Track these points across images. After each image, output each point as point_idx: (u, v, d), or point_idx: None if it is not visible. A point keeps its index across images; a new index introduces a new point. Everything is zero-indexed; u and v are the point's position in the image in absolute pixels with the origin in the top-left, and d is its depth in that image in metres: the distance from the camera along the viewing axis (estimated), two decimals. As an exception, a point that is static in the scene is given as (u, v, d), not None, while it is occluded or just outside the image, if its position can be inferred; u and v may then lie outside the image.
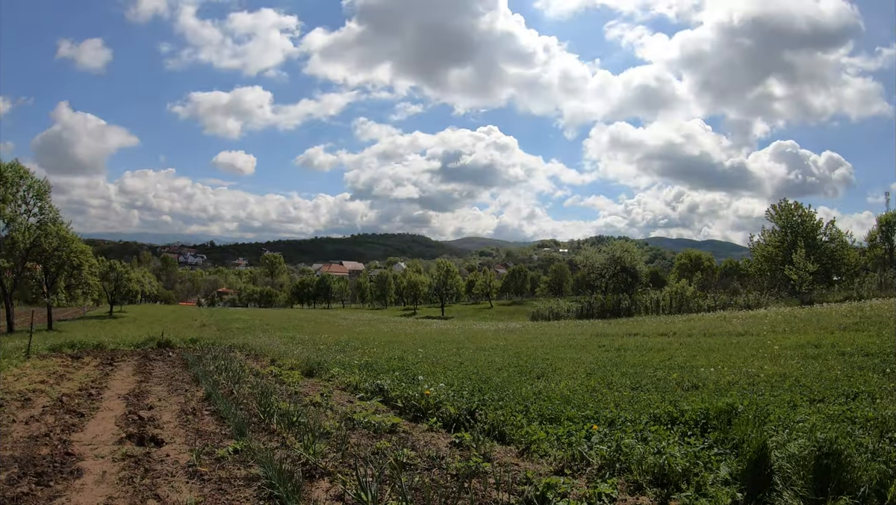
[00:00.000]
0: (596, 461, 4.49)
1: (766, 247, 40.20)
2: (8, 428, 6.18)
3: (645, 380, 7.87)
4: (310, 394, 8.46)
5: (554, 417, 5.80)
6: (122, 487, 4.31)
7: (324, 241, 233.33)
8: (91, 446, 5.50)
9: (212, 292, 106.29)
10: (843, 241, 38.89)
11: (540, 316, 41.78)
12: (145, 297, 63.72)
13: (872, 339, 10.45)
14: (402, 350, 14.25)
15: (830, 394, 5.99)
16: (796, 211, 39.84)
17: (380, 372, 9.75)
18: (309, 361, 11.79)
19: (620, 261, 48.01)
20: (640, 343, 14.32)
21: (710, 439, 4.65)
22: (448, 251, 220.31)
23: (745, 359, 9.51)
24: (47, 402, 7.73)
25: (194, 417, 6.86)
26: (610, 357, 11.40)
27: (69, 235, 29.75)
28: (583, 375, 8.77)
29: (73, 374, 10.94)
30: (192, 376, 10.53)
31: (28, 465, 4.78)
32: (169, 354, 15.60)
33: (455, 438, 5.65)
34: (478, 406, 6.40)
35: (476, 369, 9.82)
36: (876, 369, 7.30)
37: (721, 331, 15.95)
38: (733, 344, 12.22)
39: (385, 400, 7.80)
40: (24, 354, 13.09)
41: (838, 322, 14.43)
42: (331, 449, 5.14)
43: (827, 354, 9.28)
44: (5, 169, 26.30)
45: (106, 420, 6.74)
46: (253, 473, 4.53)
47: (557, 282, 74.71)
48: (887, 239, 42.99)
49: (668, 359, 10.38)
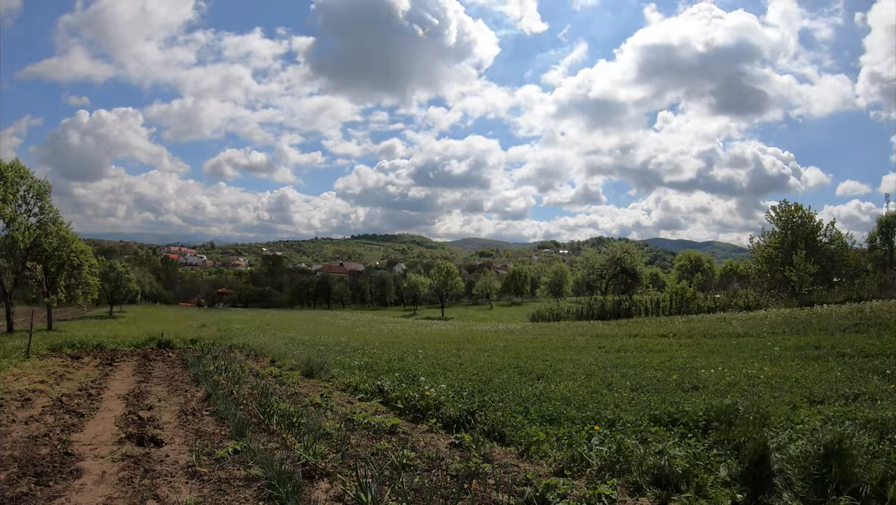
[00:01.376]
0: (596, 462, 4.49)
1: (766, 248, 40.18)
2: (7, 428, 6.18)
3: (645, 381, 7.87)
4: (310, 395, 8.45)
5: (554, 418, 5.80)
6: (121, 487, 4.30)
7: (324, 242, 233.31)
8: (91, 446, 5.50)
9: (212, 293, 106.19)
10: (844, 242, 38.90)
11: (540, 317, 41.68)
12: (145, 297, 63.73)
13: (872, 340, 10.45)
14: (402, 351, 14.24)
15: (830, 395, 5.99)
16: (796, 212, 39.85)
17: (380, 373, 9.75)
18: (309, 361, 11.78)
19: (620, 262, 48.01)
20: (641, 344, 14.32)
21: (711, 440, 4.65)
22: (448, 252, 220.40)
23: (745, 360, 9.51)
24: (47, 402, 7.72)
25: (194, 417, 6.85)
26: (610, 358, 11.40)
27: (69, 235, 29.72)
28: (583, 376, 8.77)
29: (72, 374, 10.93)
30: (191, 377, 10.52)
31: (28, 465, 4.77)
32: (169, 355, 15.59)
33: (455, 438, 5.65)
34: (478, 407, 6.40)
35: (476, 370, 9.82)
36: (876, 371, 7.30)
37: (721, 332, 15.94)
38: (733, 345, 12.23)
39: (385, 401, 7.80)
40: (23, 354, 13.07)
41: (838, 323, 14.42)
42: (331, 450, 5.13)
43: (827, 356, 9.29)
44: (6, 169, 26.29)
45: (106, 420, 6.74)
46: (253, 473, 4.52)
47: (557, 283, 74.54)
48: (887, 240, 42.98)
49: (668, 360, 10.38)
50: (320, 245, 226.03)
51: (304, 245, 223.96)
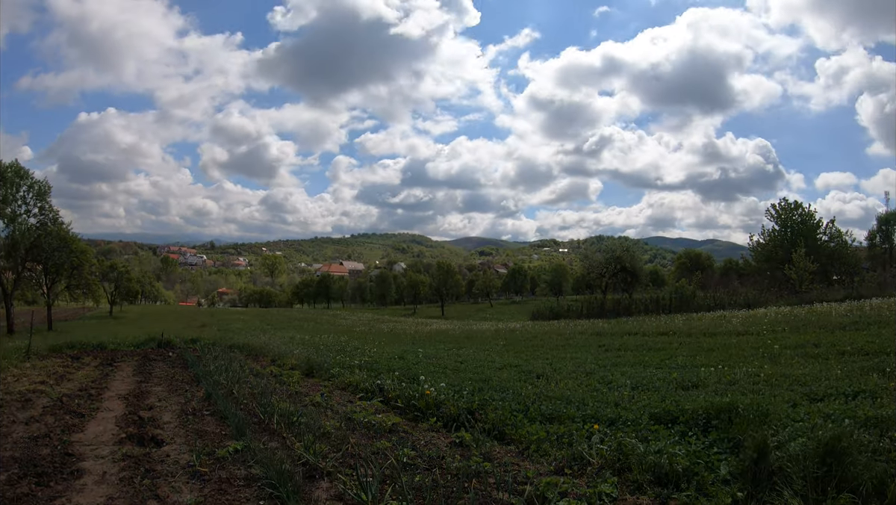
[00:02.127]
0: (596, 461, 4.49)
1: (766, 246, 40.23)
2: (8, 428, 6.18)
3: (645, 379, 7.87)
4: (310, 394, 8.45)
5: (554, 416, 5.80)
6: (122, 487, 4.31)
7: (324, 241, 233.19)
8: (91, 447, 5.50)
9: (212, 292, 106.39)
10: (843, 240, 38.95)
11: (540, 315, 41.74)
12: (145, 297, 63.73)
13: (872, 338, 10.45)
14: (402, 350, 14.24)
15: (830, 393, 5.99)
16: (796, 210, 39.90)
17: (380, 372, 9.75)
18: (309, 361, 11.78)
19: (620, 260, 47.96)
20: (640, 342, 14.33)
21: (711, 439, 4.65)
22: (448, 251, 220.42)
23: (744, 358, 9.52)
24: (47, 402, 7.72)
25: (194, 417, 6.85)
26: (610, 357, 11.41)
27: (69, 236, 29.74)
28: (583, 374, 8.77)
29: (73, 374, 10.93)
30: (192, 376, 10.52)
31: (28, 465, 4.77)
32: (169, 355, 15.59)
33: (455, 437, 5.65)
34: (478, 406, 6.40)
35: (476, 369, 9.82)
36: (876, 369, 7.30)
37: (721, 330, 15.95)
38: (733, 343, 12.23)
39: (385, 400, 7.80)
40: (24, 355, 13.08)
41: (838, 321, 14.43)
42: (331, 449, 5.14)
43: (827, 354, 9.29)
44: (6, 169, 26.31)
45: (106, 420, 6.74)
46: (253, 473, 4.52)
47: (557, 281, 74.50)
48: (887, 238, 43.02)
49: (668, 358, 10.39)
50: (320, 244, 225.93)
51: (303, 244, 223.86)
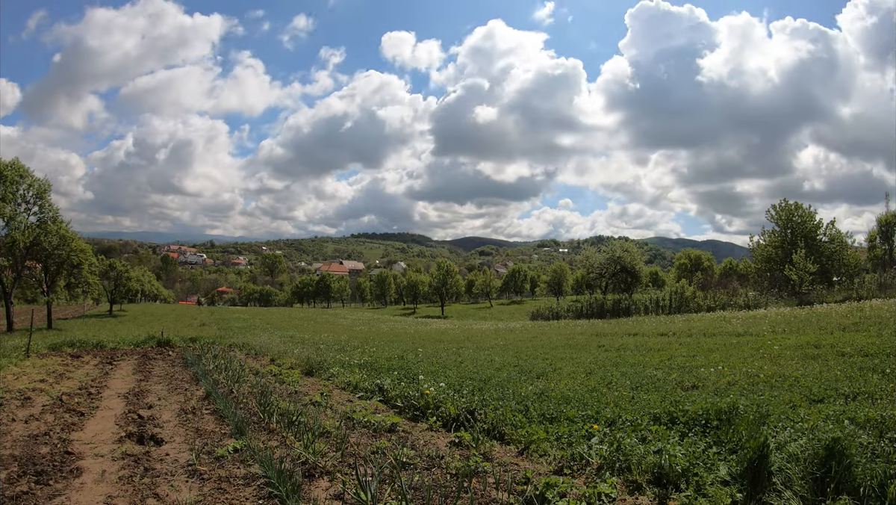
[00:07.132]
0: (595, 461, 4.49)
1: (766, 247, 40.17)
2: (8, 427, 6.18)
3: (645, 380, 7.87)
4: (309, 393, 8.46)
5: (554, 416, 5.80)
6: (121, 485, 4.31)
7: (324, 241, 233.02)
8: (91, 445, 5.50)
9: (212, 292, 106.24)
10: (843, 241, 38.89)
11: (539, 315, 41.77)
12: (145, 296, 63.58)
13: (872, 339, 10.45)
14: (401, 349, 14.24)
15: (830, 394, 5.99)
16: (796, 211, 39.83)
17: (379, 371, 9.75)
18: (309, 360, 11.78)
19: (620, 260, 47.92)
20: (640, 343, 14.32)
21: (710, 439, 4.65)
22: (448, 251, 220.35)
23: (744, 359, 9.51)
24: (47, 401, 7.72)
25: (194, 416, 6.85)
26: (610, 357, 11.40)
27: (69, 234, 29.70)
28: (583, 374, 8.77)
29: (72, 373, 10.93)
30: (191, 375, 10.52)
31: (28, 463, 4.77)
32: (169, 353, 15.58)
33: (455, 437, 5.65)
34: (478, 406, 6.40)
35: (476, 369, 9.81)
36: (875, 370, 7.29)
37: (721, 331, 15.94)
38: (733, 344, 12.22)
39: (385, 399, 7.80)
40: (23, 353, 13.07)
41: (838, 322, 14.43)
42: (330, 448, 5.14)
43: (826, 355, 9.29)
44: (5, 168, 26.27)
45: (106, 419, 6.74)
46: (252, 472, 4.52)
47: (557, 281, 74.51)
48: (887, 240, 42.99)
49: (667, 359, 10.38)
50: (320, 244, 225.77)
51: (303, 244, 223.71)
